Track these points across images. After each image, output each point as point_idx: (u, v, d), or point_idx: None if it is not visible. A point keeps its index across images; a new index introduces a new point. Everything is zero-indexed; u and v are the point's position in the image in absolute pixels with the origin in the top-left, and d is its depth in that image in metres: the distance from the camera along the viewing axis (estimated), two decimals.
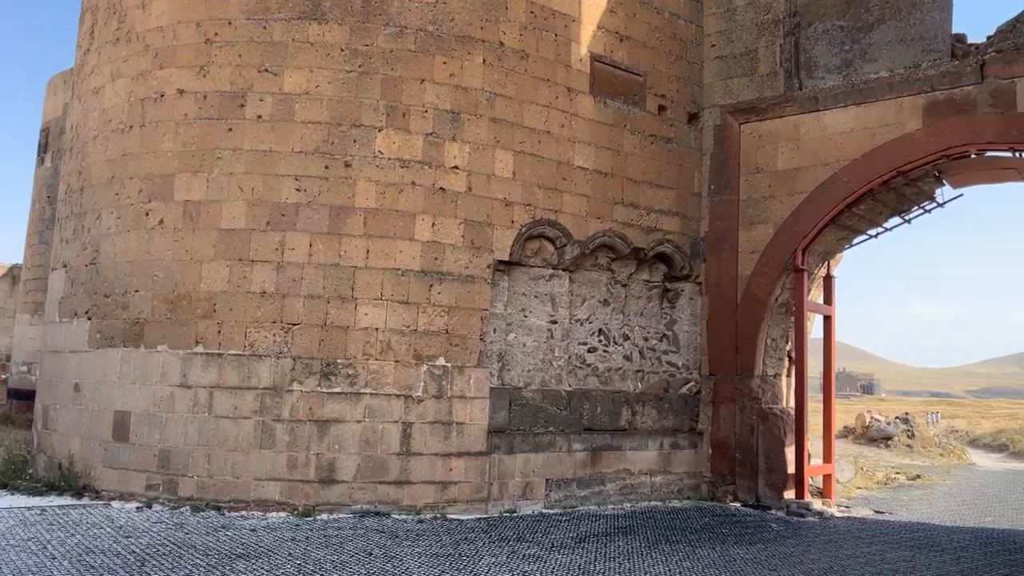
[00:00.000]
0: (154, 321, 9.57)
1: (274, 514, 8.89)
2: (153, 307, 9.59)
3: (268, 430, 9.15)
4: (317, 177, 9.50)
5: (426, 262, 9.69)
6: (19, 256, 23.86)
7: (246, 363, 9.24)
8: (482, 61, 10.12)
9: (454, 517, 9.30)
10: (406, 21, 9.81)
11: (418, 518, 9.12)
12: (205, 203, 9.53)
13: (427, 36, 9.88)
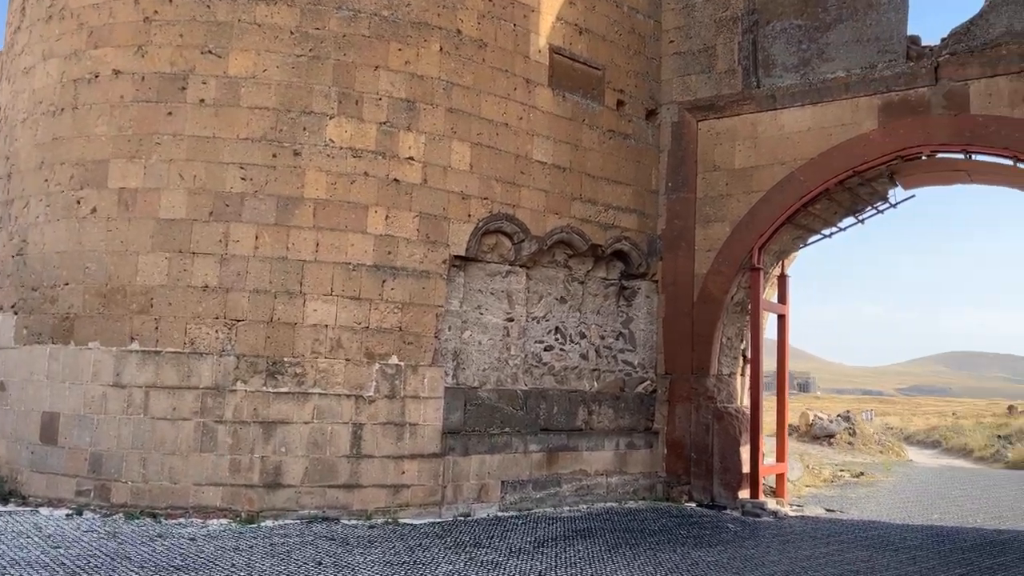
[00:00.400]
0: (85, 316, 8.97)
1: (215, 521, 8.41)
2: (85, 301, 9.00)
3: (209, 432, 8.66)
4: (264, 166, 9.04)
5: (379, 256, 9.31)
6: None
7: (186, 361, 8.73)
8: (439, 49, 9.78)
9: (407, 522, 8.96)
10: (360, 5, 9.39)
11: (369, 523, 8.75)
12: (142, 191, 8.97)
13: (382, 21, 9.49)
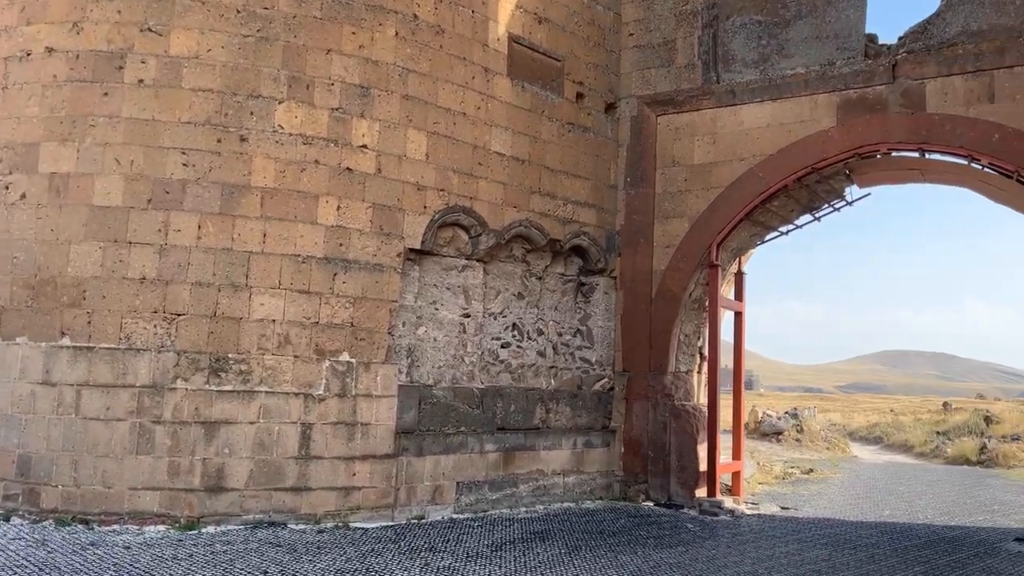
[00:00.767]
0: (12, 309, 8.37)
1: (152, 528, 7.92)
2: (12, 293, 8.39)
3: (146, 433, 8.15)
4: (208, 151, 8.55)
5: (330, 248, 8.90)
6: None
7: (121, 358, 8.20)
8: (394, 34, 9.40)
9: (358, 526, 8.58)
10: None
11: (318, 528, 8.35)
12: (75, 176, 8.40)
13: (335, 3, 9.07)
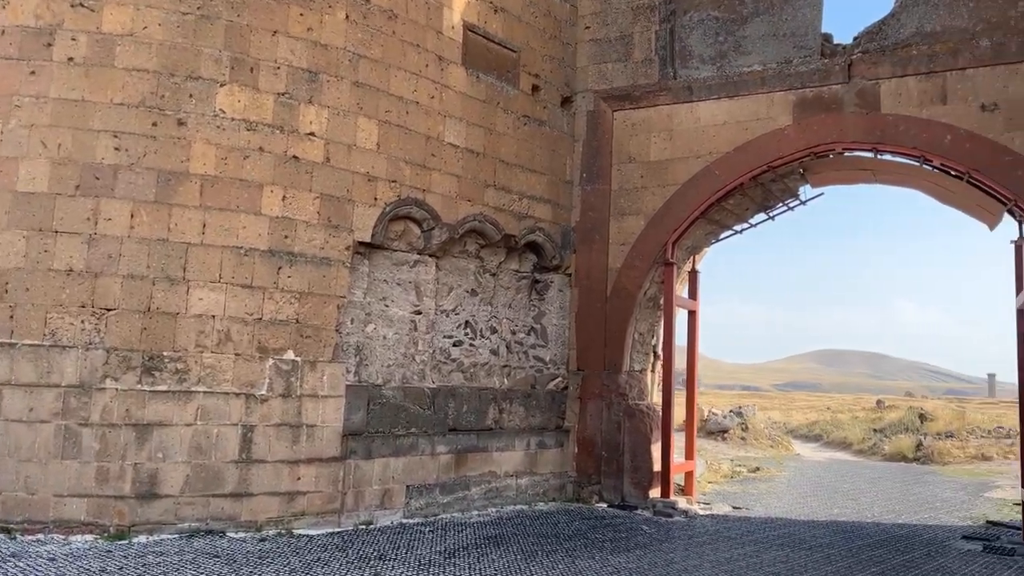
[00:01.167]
0: None
1: (80, 537, 7.38)
2: None
3: (73, 436, 7.59)
4: (142, 135, 8.02)
5: (274, 241, 8.45)
6: None
7: (46, 355, 7.62)
8: (345, 17, 8.98)
9: (302, 533, 8.15)
10: None
11: (259, 536, 7.90)
12: None
13: None
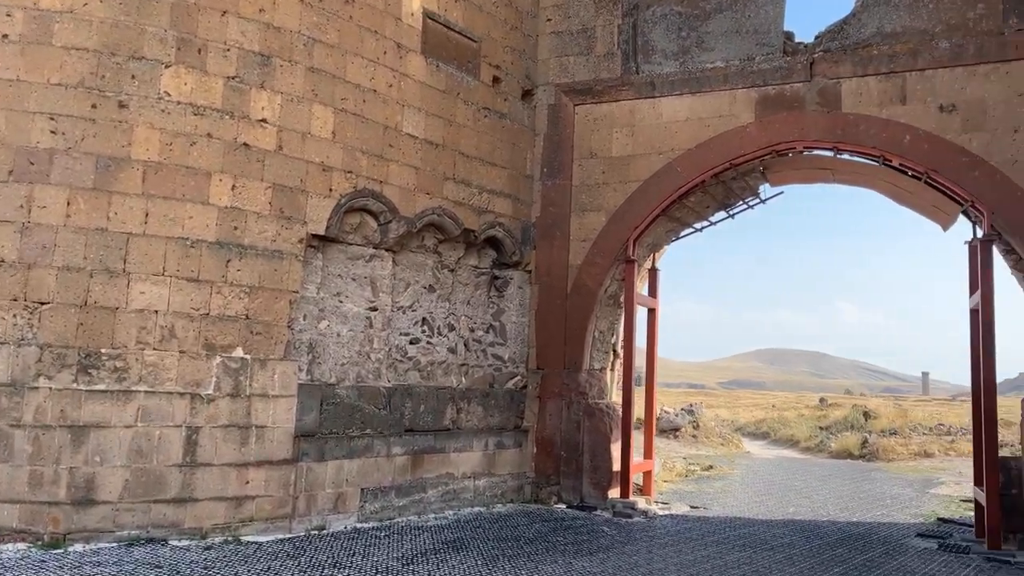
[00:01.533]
0: None
1: (11, 546, 6.89)
2: None
3: (4, 438, 7.08)
4: (81, 118, 7.52)
5: (223, 232, 8.02)
6: None
7: None
8: None
9: (251, 540, 7.75)
10: None
11: (205, 544, 7.48)
12: None
13: None
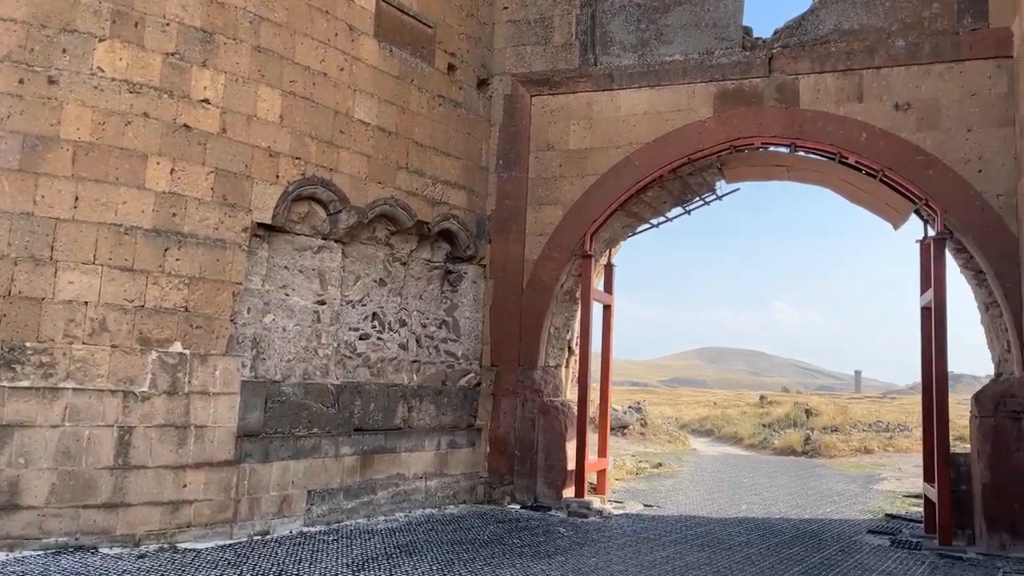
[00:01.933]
0: None
1: None
2: None
3: None
4: (7, 94, 6.95)
5: (161, 218, 7.52)
6: None
7: None
8: None
9: (188, 547, 7.28)
10: None
11: (138, 552, 6.98)
12: None
13: None
